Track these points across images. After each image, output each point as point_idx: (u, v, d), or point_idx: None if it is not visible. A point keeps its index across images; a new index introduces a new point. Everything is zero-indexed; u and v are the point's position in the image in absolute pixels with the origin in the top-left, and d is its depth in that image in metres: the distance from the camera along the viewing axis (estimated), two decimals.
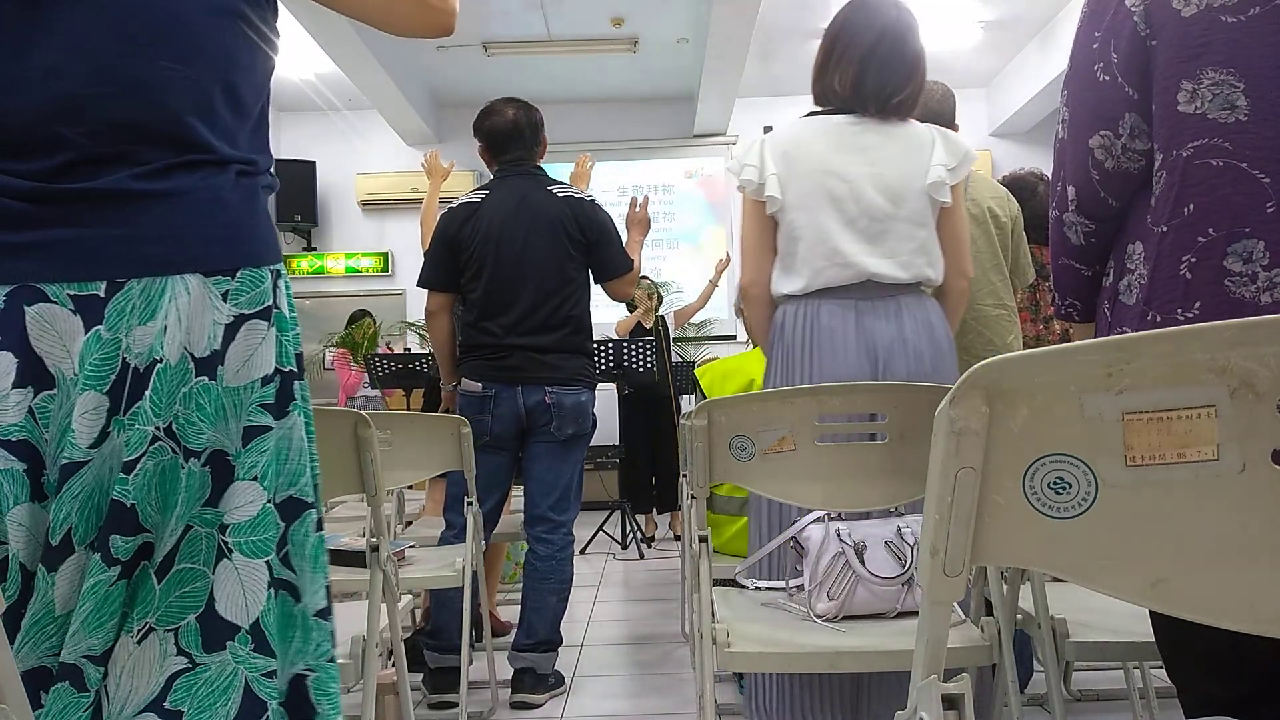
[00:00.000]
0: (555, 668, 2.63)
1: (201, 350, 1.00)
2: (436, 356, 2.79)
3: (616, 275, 2.69)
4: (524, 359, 2.53)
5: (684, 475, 2.25)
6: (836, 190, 1.80)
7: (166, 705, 0.96)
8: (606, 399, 6.32)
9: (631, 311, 5.87)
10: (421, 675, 2.55)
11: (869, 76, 1.83)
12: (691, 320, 6.83)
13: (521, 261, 2.55)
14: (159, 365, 0.98)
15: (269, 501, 1.03)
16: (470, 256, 2.58)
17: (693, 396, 4.11)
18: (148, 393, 0.97)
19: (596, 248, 2.64)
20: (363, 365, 6.14)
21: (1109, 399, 0.66)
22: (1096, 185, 1.21)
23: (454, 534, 2.62)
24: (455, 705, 2.49)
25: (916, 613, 1.08)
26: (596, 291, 2.76)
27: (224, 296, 1.02)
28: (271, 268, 1.08)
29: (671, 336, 6.01)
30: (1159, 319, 1.11)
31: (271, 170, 1.16)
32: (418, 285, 2.76)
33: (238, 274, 1.04)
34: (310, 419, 1.13)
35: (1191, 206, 1.10)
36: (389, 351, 6.49)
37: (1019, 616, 1.51)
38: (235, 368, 1.03)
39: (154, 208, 1.00)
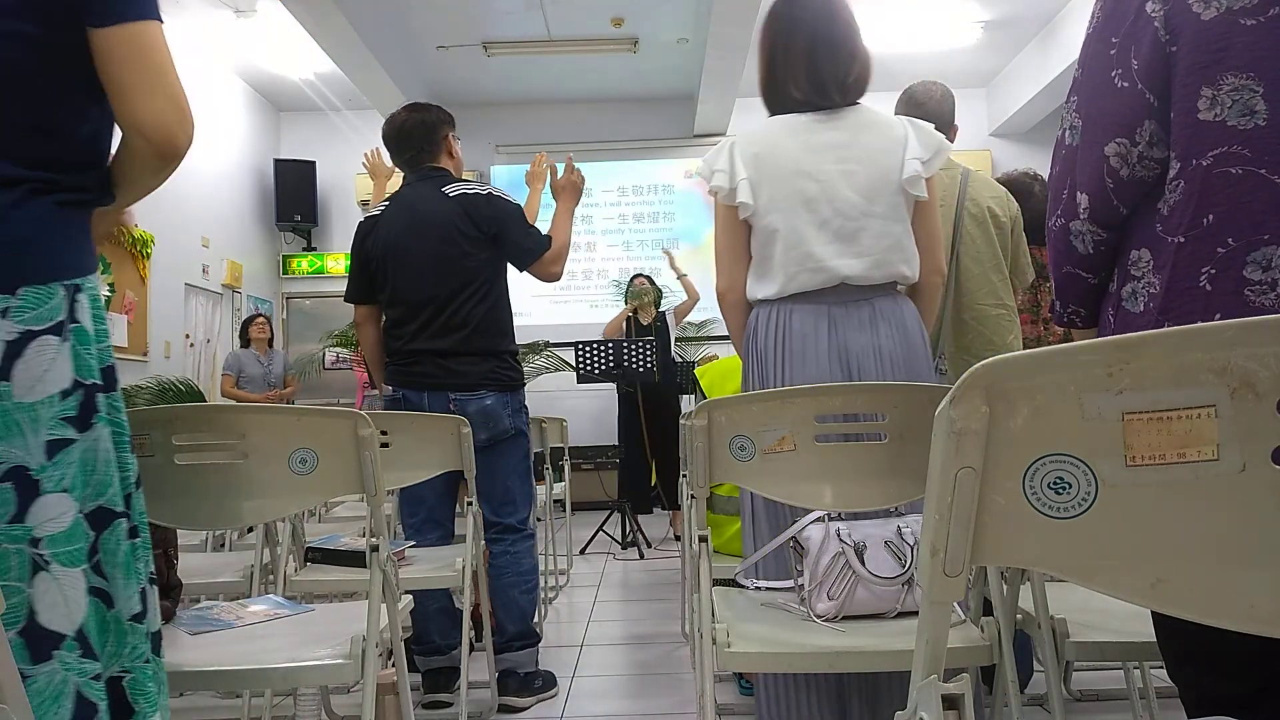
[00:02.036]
0: (541, 667, 2.61)
1: None
2: (367, 365, 2.80)
3: (531, 260, 2.66)
4: (431, 365, 2.55)
5: (684, 475, 2.25)
6: (809, 191, 1.78)
7: None
8: (606, 399, 6.35)
9: (627, 303, 5.86)
10: (420, 676, 2.56)
11: (821, 65, 1.81)
12: (691, 319, 6.83)
13: (419, 267, 2.56)
14: None
15: (79, 512, 1.05)
16: (376, 268, 2.62)
17: (693, 396, 4.11)
18: None
19: (500, 240, 2.61)
20: (362, 365, 6.15)
21: (1109, 399, 0.66)
22: (1110, 193, 1.18)
23: (408, 539, 2.60)
24: (449, 705, 2.49)
25: (916, 613, 1.08)
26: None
27: (3, 314, 1.03)
28: (66, 283, 1.08)
29: (672, 335, 6.01)
30: None
31: (91, 185, 1.16)
32: (344, 300, 2.79)
33: (19, 291, 1.04)
34: (122, 429, 1.14)
35: (1211, 217, 1.08)
36: None
37: (1019, 616, 1.51)
38: (28, 383, 1.03)
39: None
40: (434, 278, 2.55)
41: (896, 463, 1.43)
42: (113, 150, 1.20)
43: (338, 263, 8.12)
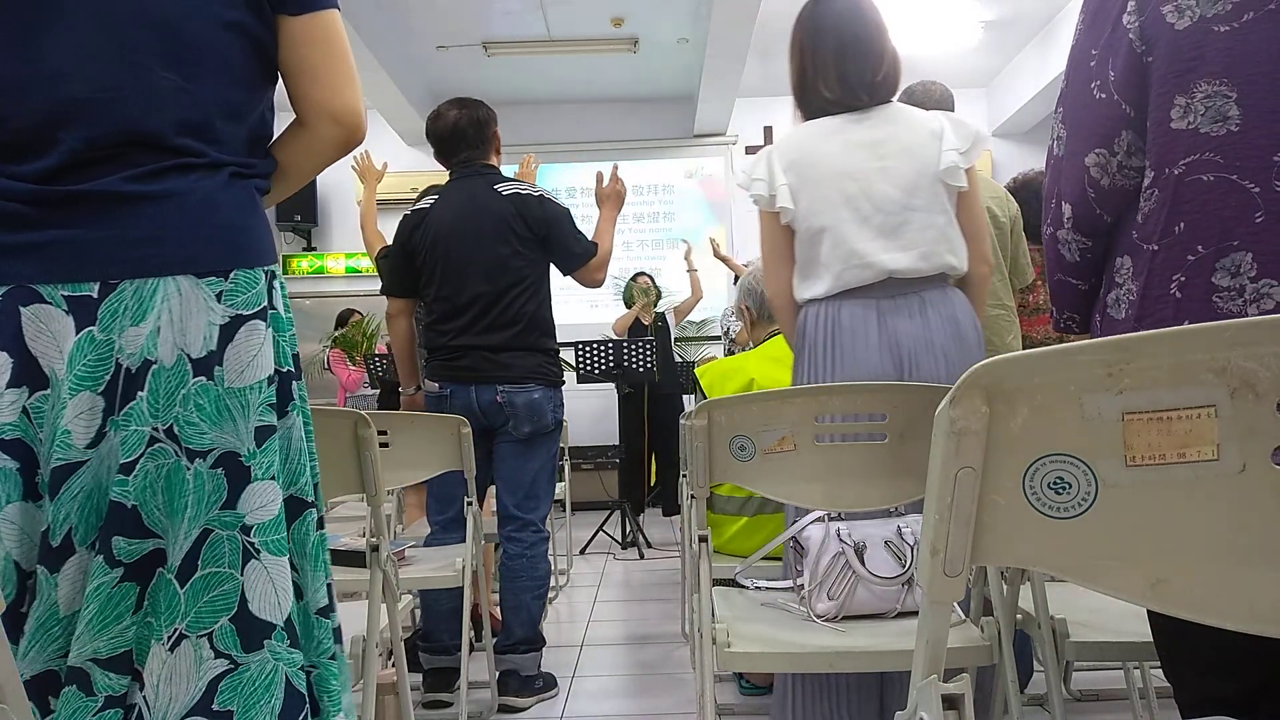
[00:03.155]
0: (542, 669, 2.62)
1: (198, 351, 1.01)
2: (395, 360, 2.81)
3: (578, 265, 2.68)
4: (477, 359, 2.55)
5: (684, 475, 2.25)
6: (848, 190, 1.78)
7: (214, 707, 0.98)
8: (606, 399, 6.35)
9: (630, 306, 5.86)
10: (421, 675, 2.56)
11: (849, 67, 1.83)
12: (691, 318, 6.83)
13: (470, 263, 2.57)
14: (154, 367, 0.99)
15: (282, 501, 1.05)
16: (423, 262, 2.62)
17: (693, 396, 4.11)
18: (143, 393, 0.98)
19: (549, 242, 2.63)
20: (362, 364, 6.15)
21: (1109, 399, 0.66)
22: (1092, 203, 1.20)
23: (434, 536, 2.62)
24: (449, 705, 2.49)
25: (916, 613, 1.08)
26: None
27: (218, 297, 1.03)
28: (266, 269, 1.09)
29: (672, 334, 6.00)
30: None
31: (269, 172, 1.17)
32: (380, 293, 2.79)
33: (231, 275, 1.04)
34: (308, 419, 1.14)
35: (1182, 225, 1.09)
36: (386, 351, 6.50)
37: (1019, 616, 1.51)
38: (239, 369, 1.03)
39: (146, 209, 1.01)
40: (485, 274, 2.56)
41: (896, 463, 1.43)
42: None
43: (338, 262, 8.12)
